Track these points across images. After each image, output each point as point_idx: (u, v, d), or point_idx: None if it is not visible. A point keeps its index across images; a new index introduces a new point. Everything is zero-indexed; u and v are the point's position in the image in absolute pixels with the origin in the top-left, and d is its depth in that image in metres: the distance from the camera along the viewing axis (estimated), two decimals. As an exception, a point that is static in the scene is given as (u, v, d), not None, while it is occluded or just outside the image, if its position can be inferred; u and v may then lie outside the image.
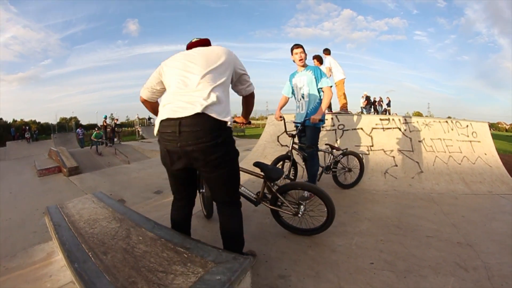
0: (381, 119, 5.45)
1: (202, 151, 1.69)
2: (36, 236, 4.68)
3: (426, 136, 5.35)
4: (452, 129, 5.61)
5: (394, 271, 2.18)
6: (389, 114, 17.98)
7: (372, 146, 5.18)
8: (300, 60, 3.72)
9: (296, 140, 3.83)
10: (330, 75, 7.23)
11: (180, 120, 1.66)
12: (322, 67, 7.34)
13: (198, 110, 1.65)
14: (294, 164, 3.97)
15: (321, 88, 3.67)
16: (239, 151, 2.03)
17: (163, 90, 2.00)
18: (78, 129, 19.35)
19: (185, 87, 1.77)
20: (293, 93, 4.00)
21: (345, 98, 7.56)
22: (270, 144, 5.41)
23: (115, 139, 18.52)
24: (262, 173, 2.54)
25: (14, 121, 43.02)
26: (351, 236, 2.71)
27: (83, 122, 42.57)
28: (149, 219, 2.40)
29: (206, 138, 1.67)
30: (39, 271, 2.31)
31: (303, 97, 3.82)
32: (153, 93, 2.02)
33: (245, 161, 5.48)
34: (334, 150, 4.34)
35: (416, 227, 3.06)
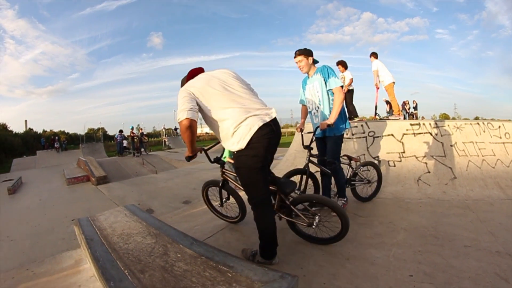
0: (411, 124, 5.42)
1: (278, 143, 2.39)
2: (64, 242, 4.89)
3: (458, 139, 5.26)
4: (484, 131, 5.49)
5: (434, 283, 2.20)
6: (416, 117, 17.61)
7: (404, 152, 5.15)
8: (300, 69, 3.50)
9: (313, 152, 3.63)
10: (379, 81, 7.41)
11: (271, 121, 2.24)
12: (347, 73, 7.41)
13: (275, 113, 2.30)
14: (312, 177, 3.71)
15: (331, 89, 3.39)
16: None
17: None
18: (117, 134, 19.82)
19: (243, 99, 2.28)
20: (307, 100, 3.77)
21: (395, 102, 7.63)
22: (300, 153, 5.50)
23: (142, 150, 19.00)
24: (275, 187, 2.66)
25: (44, 131, 44.98)
26: (388, 248, 2.76)
27: (110, 132, 44.23)
28: (186, 235, 2.38)
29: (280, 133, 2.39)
30: (67, 279, 2.33)
31: (320, 104, 3.52)
32: (197, 112, 2.20)
33: (276, 171, 5.57)
34: (352, 162, 4.09)
35: (453, 236, 3.05)
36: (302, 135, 3.77)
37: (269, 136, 2.21)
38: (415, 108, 18.47)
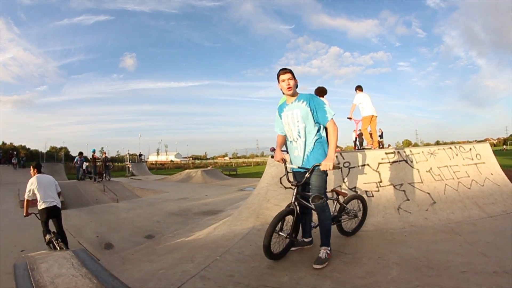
0: (386, 153, 5.40)
1: None
2: (10, 279, 4.17)
3: (433, 165, 5.32)
4: (456, 155, 5.63)
5: None
6: (383, 146, 18.19)
7: (381, 182, 5.06)
8: (288, 88, 3.03)
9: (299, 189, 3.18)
10: (351, 116, 7.72)
11: None
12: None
13: None
14: (299, 219, 3.25)
15: (319, 122, 3.07)
16: (232, 191, 2.00)
17: None
18: (77, 158, 17.97)
19: None
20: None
21: (371, 136, 7.73)
22: (273, 186, 5.25)
23: (104, 175, 17.57)
24: None
25: (4, 144, 42.26)
26: (385, 286, 2.53)
27: (73, 153, 42.04)
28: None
29: None
30: None
31: (299, 136, 3.10)
32: None
33: (246, 206, 5.29)
34: (340, 196, 3.77)
35: (447, 263, 2.92)
36: (285, 166, 3.27)
37: None
38: (381, 136, 19.07)
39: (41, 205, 5.17)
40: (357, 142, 8.48)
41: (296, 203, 3.10)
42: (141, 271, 3.27)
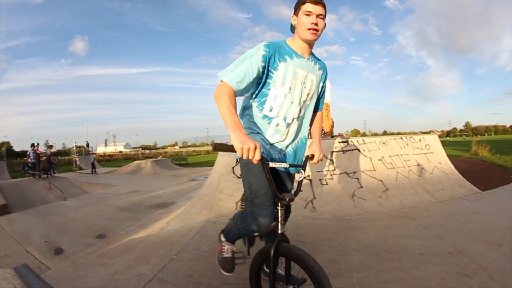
0: (339, 142, 5.43)
1: None
2: None
3: (385, 154, 5.47)
4: (407, 145, 5.86)
5: None
6: (332, 135, 18.78)
7: (334, 170, 5.06)
8: (314, 31, 1.66)
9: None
10: None
11: None
12: None
13: None
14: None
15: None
16: (183, 181, 1.73)
17: None
18: (30, 150, 15.69)
19: None
20: (259, 89, 1.75)
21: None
22: (225, 176, 5.01)
23: (50, 171, 15.83)
24: None
25: None
26: (349, 274, 2.43)
27: (16, 148, 38.01)
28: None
29: None
30: None
31: (299, 116, 1.86)
32: None
33: (199, 198, 5.01)
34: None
35: (405, 247, 2.96)
36: (267, 168, 1.58)
37: None
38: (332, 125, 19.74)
39: None
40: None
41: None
42: (96, 277, 2.88)
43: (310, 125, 2.04)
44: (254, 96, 1.80)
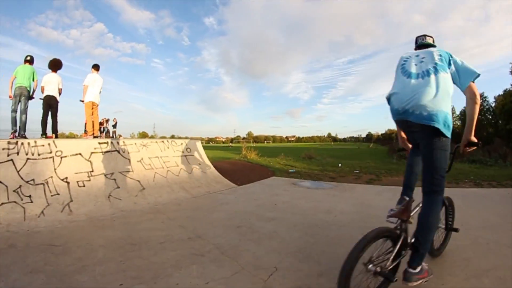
0: (99, 143, 5.42)
1: None
2: None
3: (144, 155, 5.90)
4: (168, 147, 6.57)
5: (143, 282, 2.36)
6: (115, 136, 17.84)
7: (93, 171, 5.04)
8: None
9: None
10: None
11: None
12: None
13: None
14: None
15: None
16: None
17: None
18: None
19: None
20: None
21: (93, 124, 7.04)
22: None
23: None
24: None
25: None
26: (92, 269, 2.60)
27: None
28: None
29: None
30: None
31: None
32: None
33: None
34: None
35: (148, 238, 3.36)
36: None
37: None
38: (114, 126, 18.51)
39: None
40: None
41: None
42: None
43: None
44: None
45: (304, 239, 3.30)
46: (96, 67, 7.22)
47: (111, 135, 17.43)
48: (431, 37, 2.51)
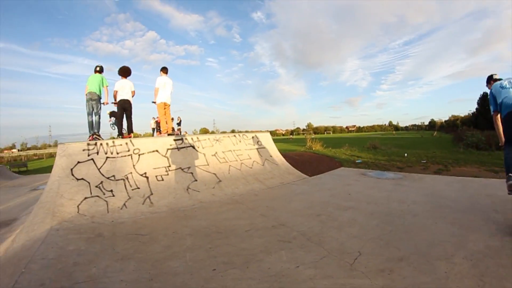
0: (175, 140, 5.55)
1: None
2: None
3: (218, 150, 5.95)
4: (240, 141, 6.58)
5: (236, 267, 2.29)
6: (180, 133, 18.74)
7: (170, 166, 5.14)
8: None
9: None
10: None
11: None
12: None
13: None
14: None
15: None
16: (24, 192, 1.56)
17: None
18: None
19: None
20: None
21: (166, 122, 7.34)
22: (64, 179, 4.36)
23: None
24: None
25: None
26: (182, 255, 2.55)
27: None
28: None
29: None
30: None
31: None
32: None
33: (40, 206, 4.13)
34: None
35: (233, 227, 3.29)
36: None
37: None
38: (179, 124, 19.44)
39: None
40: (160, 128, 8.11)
41: None
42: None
43: None
44: None
45: (381, 227, 3.19)
46: (164, 69, 7.39)
47: (176, 133, 18.19)
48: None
